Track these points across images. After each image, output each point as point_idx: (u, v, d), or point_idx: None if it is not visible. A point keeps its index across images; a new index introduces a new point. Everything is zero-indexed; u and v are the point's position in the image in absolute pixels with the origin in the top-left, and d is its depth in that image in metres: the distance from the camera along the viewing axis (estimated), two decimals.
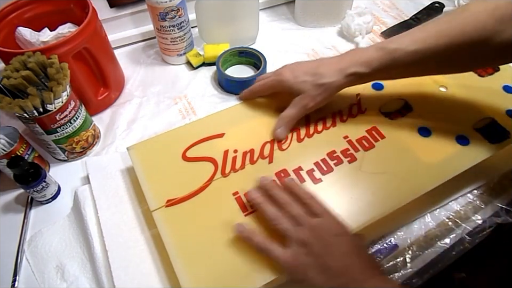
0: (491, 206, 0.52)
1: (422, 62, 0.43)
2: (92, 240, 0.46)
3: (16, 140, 0.50)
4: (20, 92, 0.47)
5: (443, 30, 0.41)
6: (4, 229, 0.51)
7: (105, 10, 0.69)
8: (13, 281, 0.45)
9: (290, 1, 0.84)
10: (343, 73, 0.46)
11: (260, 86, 0.54)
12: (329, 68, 0.47)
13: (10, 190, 0.54)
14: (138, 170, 0.47)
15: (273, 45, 0.76)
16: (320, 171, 0.47)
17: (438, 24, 0.42)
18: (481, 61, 0.43)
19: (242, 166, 0.48)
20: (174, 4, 0.61)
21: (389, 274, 0.46)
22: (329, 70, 0.47)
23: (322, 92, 0.47)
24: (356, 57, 0.46)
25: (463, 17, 0.40)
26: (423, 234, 0.49)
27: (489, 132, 0.50)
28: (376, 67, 0.44)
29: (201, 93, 0.67)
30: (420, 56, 0.42)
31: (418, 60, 0.42)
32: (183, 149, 0.49)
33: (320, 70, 0.48)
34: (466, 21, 0.39)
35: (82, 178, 0.55)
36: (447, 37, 0.40)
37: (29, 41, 0.57)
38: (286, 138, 0.50)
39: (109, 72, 0.62)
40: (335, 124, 0.52)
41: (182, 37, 0.68)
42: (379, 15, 0.82)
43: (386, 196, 0.44)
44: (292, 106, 0.49)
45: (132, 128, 0.62)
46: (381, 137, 0.50)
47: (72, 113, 0.51)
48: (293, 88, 0.49)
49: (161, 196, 0.45)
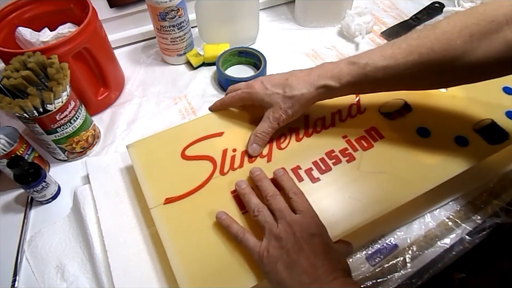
0: (491, 206, 0.52)
1: (391, 78, 0.42)
2: (92, 240, 0.46)
3: (16, 140, 0.50)
4: (20, 92, 0.47)
5: (413, 47, 0.41)
6: (4, 229, 0.51)
7: (105, 10, 0.70)
8: (13, 281, 0.46)
9: (290, 1, 0.84)
10: (313, 85, 0.46)
11: (231, 98, 0.52)
12: (299, 80, 0.47)
13: (10, 190, 0.54)
14: (138, 168, 0.48)
15: (273, 45, 0.76)
16: (319, 170, 0.47)
17: (408, 40, 0.42)
18: (450, 79, 0.43)
19: (241, 165, 0.48)
20: (174, 4, 0.61)
21: (389, 274, 0.46)
22: (299, 82, 0.46)
23: (293, 104, 0.47)
24: (326, 70, 0.46)
25: (433, 35, 0.40)
26: (423, 234, 0.49)
27: (488, 133, 0.50)
28: (346, 81, 0.44)
29: (201, 93, 0.68)
30: (390, 72, 0.42)
31: (388, 75, 0.42)
32: (182, 147, 0.49)
33: (290, 82, 0.47)
34: (436, 39, 0.39)
35: (82, 178, 0.55)
36: (416, 54, 0.40)
37: (29, 41, 0.57)
38: (285, 137, 0.50)
39: (109, 72, 0.62)
40: (334, 124, 0.52)
41: (182, 37, 0.68)
42: (379, 15, 0.82)
43: (384, 196, 0.44)
44: (264, 120, 0.48)
45: (132, 128, 0.62)
46: (380, 137, 0.50)
47: (72, 113, 0.51)
48: (263, 101, 0.48)
49: (160, 193, 0.45)
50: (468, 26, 0.38)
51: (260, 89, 0.49)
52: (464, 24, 0.38)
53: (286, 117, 0.48)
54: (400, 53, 0.41)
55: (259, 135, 0.48)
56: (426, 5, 0.82)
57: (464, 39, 0.38)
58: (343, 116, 0.53)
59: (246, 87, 0.51)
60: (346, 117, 0.53)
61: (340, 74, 0.44)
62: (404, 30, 0.77)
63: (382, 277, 0.46)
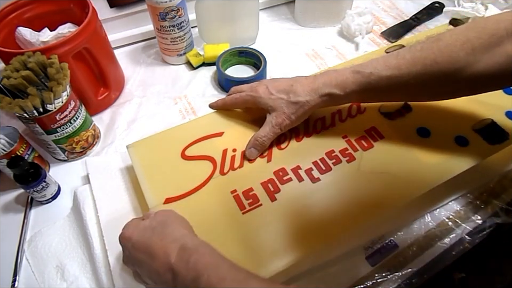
0: (491, 206, 0.52)
1: (395, 88, 0.43)
2: (92, 240, 0.46)
3: (16, 140, 0.50)
4: (20, 92, 0.47)
5: (416, 58, 0.41)
6: (4, 229, 0.51)
7: (105, 10, 0.70)
8: (13, 281, 0.46)
9: (290, 1, 0.84)
10: (317, 93, 0.46)
11: (234, 99, 0.52)
12: (304, 86, 0.47)
13: (10, 190, 0.54)
14: (138, 168, 0.48)
15: (273, 45, 0.76)
16: (319, 170, 0.47)
17: (411, 52, 0.42)
18: (453, 91, 0.43)
19: (241, 165, 0.48)
20: (174, 4, 0.61)
21: (389, 274, 0.46)
22: (304, 89, 0.46)
23: (297, 110, 0.47)
24: (331, 78, 0.46)
25: (437, 47, 0.40)
26: (423, 234, 0.49)
27: (488, 133, 0.50)
28: (351, 90, 0.44)
29: (201, 93, 0.68)
30: (394, 82, 0.42)
31: (392, 85, 0.42)
32: (183, 147, 0.49)
33: (294, 88, 0.47)
34: (439, 51, 0.40)
35: (82, 178, 0.55)
36: (420, 65, 0.41)
37: (29, 41, 0.57)
38: (285, 138, 0.50)
39: (109, 72, 0.62)
40: (334, 124, 0.52)
41: (182, 37, 0.68)
42: (379, 15, 0.82)
43: (384, 196, 0.44)
44: (266, 125, 0.48)
45: (132, 128, 0.62)
46: (380, 138, 0.50)
47: (72, 113, 0.51)
48: (267, 105, 0.48)
49: (160, 193, 0.45)
50: (470, 39, 0.38)
51: (264, 94, 0.48)
52: (466, 37, 0.39)
53: (289, 122, 0.48)
54: (404, 63, 0.41)
55: (259, 139, 0.48)
56: (426, 5, 0.82)
57: (467, 51, 0.38)
58: (343, 116, 0.53)
59: (250, 90, 0.51)
60: (346, 117, 0.53)
61: (345, 83, 0.44)
62: (403, 30, 0.77)
63: (382, 277, 0.46)
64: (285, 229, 0.42)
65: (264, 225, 0.42)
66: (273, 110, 0.48)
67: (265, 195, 0.45)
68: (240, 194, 0.45)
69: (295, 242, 0.41)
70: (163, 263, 0.34)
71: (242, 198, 0.44)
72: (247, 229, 0.42)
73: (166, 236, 0.36)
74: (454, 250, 0.49)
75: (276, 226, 0.42)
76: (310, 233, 0.42)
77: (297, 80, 0.48)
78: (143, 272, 0.36)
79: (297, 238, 0.41)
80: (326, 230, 0.42)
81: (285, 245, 0.41)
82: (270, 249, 0.41)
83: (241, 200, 0.44)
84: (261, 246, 0.41)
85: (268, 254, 0.40)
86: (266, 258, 0.40)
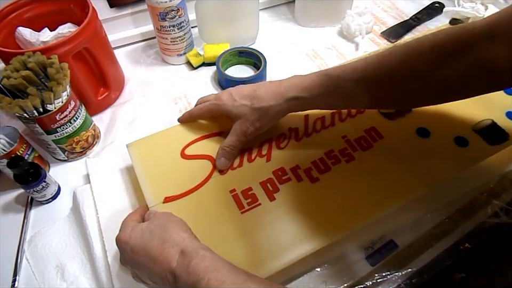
0: (491, 206, 0.51)
1: (361, 93, 0.42)
2: (92, 240, 0.46)
3: (16, 140, 0.50)
4: (20, 92, 0.47)
5: (385, 60, 0.41)
6: (4, 229, 0.51)
7: (105, 10, 0.70)
8: (13, 281, 0.46)
9: (290, 1, 0.84)
10: (283, 97, 0.45)
11: (199, 109, 0.51)
12: (268, 91, 0.46)
13: (10, 190, 0.54)
14: (137, 167, 0.48)
15: (273, 45, 0.76)
16: (318, 170, 0.47)
17: (379, 56, 0.41)
18: (418, 98, 0.43)
19: (240, 164, 0.48)
20: (174, 4, 0.61)
21: (389, 274, 0.46)
22: (268, 94, 0.45)
23: (261, 116, 0.46)
24: (297, 82, 0.45)
25: (406, 48, 0.40)
26: (423, 234, 0.49)
27: (488, 133, 0.50)
28: (317, 93, 0.43)
29: (201, 93, 0.67)
30: (361, 86, 0.42)
31: (359, 89, 0.42)
32: (182, 146, 0.49)
33: (258, 93, 0.46)
34: (409, 52, 0.39)
35: (82, 178, 0.55)
36: (388, 67, 0.40)
37: (29, 41, 0.57)
38: (285, 137, 0.50)
39: (109, 72, 0.62)
40: (333, 124, 0.52)
41: (182, 37, 0.68)
42: (379, 15, 0.82)
43: (384, 196, 0.44)
44: (232, 134, 0.47)
45: (132, 128, 0.62)
46: (380, 138, 0.50)
47: (72, 113, 0.51)
48: (231, 113, 0.47)
49: (160, 192, 0.45)
50: (437, 45, 0.38)
51: (227, 101, 0.47)
52: (433, 43, 0.39)
53: (254, 129, 0.47)
54: (371, 66, 0.41)
55: (226, 148, 0.47)
56: (426, 5, 0.82)
57: (433, 57, 0.38)
58: (343, 116, 0.53)
59: (214, 98, 0.50)
60: (346, 117, 0.53)
61: (311, 86, 0.44)
62: (403, 30, 0.77)
63: (382, 277, 0.45)
64: (283, 229, 0.42)
65: (262, 224, 0.42)
66: (237, 118, 0.47)
67: (264, 195, 0.45)
68: (239, 193, 0.45)
69: (294, 242, 0.41)
70: (164, 267, 0.34)
71: (241, 197, 0.45)
72: (245, 228, 0.42)
73: (166, 240, 0.35)
74: (454, 250, 0.49)
75: (274, 226, 0.42)
76: (309, 233, 0.42)
77: (261, 85, 0.47)
78: (143, 275, 0.36)
79: (296, 237, 0.42)
80: (325, 230, 0.42)
81: (284, 244, 0.41)
82: (269, 249, 0.41)
83: (240, 199, 0.44)
84: (260, 246, 0.41)
85: (267, 253, 0.40)
86: (264, 257, 0.40)
